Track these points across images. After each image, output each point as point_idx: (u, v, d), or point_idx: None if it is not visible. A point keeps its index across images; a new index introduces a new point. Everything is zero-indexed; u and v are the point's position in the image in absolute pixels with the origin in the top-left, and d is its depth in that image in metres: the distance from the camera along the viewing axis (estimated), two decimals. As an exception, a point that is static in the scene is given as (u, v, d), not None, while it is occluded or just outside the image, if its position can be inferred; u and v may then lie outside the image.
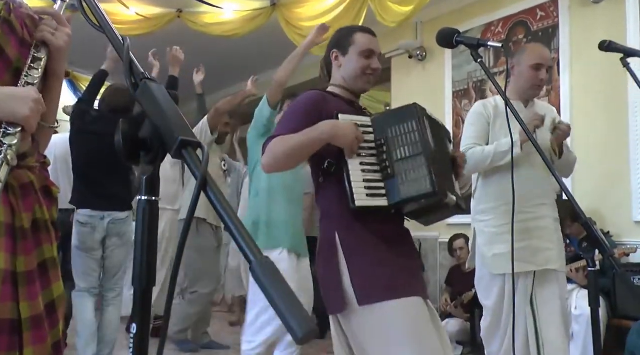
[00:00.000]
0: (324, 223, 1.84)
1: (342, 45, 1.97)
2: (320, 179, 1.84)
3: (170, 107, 0.69)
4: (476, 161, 2.56)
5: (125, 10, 5.23)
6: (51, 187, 1.34)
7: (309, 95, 1.89)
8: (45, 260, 1.26)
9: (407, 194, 1.71)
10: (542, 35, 4.54)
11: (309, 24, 5.03)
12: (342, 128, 1.71)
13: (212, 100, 8.17)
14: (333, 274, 1.72)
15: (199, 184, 0.60)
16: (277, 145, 1.74)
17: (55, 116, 1.40)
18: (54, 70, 1.31)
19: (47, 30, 1.27)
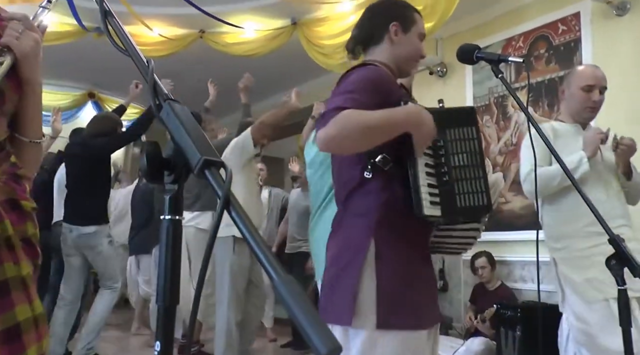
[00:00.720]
0: (353, 223, 1.59)
1: (404, 19, 1.72)
2: (365, 172, 1.56)
3: (193, 128, 0.70)
4: (544, 181, 2.35)
5: (148, 31, 5.34)
6: (20, 200, 1.22)
7: (377, 70, 1.63)
8: (6, 280, 1.13)
9: (462, 204, 1.57)
10: (564, 49, 4.51)
11: (330, 42, 5.07)
12: (427, 118, 1.49)
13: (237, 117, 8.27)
14: (352, 281, 1.51)
15: (222, 203, 0.61)
16: (350, 118, 1.43)
17: (36, 129, 1.30)
18: (26, 78, 1.23)
19: (11, 34, 1.19)
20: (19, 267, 1.16)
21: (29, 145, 1.29)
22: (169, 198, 0.71)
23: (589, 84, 2.49)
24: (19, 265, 1.16)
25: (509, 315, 4.04)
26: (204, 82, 5.14)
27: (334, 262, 1.61)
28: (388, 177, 1.55)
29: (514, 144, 4.80)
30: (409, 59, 1.74)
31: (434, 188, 1.55)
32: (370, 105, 1.48)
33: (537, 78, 4.65)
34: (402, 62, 1.74)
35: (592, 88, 2.49)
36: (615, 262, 1.55)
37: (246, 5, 5.17)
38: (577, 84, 2.51)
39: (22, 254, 1.18)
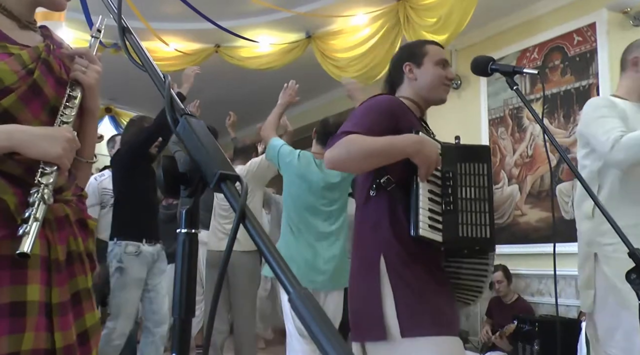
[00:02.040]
0: (364, 239, 1.72)
1: (415, 57, 1.89)
2: (371, 191, 1.71)
3: (209, 142, 0.71)
4: (637, 147, 2.05)
5: (164, 47, 5.41)
6: (87, 219, 1.36)
7: (388, 98, 1.79)
8: (78, 292, 1.29)
9: (464, 234, 1.63)
10: (579, 60, 4.49)
11: (344, 55, 5.10)
12: (428, 146, 1.61)
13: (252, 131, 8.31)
14: (373, 298, 1.60)
15: (238, 217, 0.61)
16: (355, 142, 1.58)
17: (92, 151, 1.43)
18: (88, 108, 1.35)
19: (79, 69, 1.31)
20: (86, 279, 1.31)
21: (84, 165, 1.41)
22: (184, 211, 0.71)
23: None
24: (87, 277, 1.32)
25: (527, 330, 4.00)
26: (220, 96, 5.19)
27: (355, 282, 1.71)
28: (391, 197, 1.67)
29: (530, 156, 4.77)
30: (432, 87, 1.87)
31: (437, 214, 1.65)
32: (377, 131, 1.62)
33: (552, 89, 4.62)
34: (426, 92, 1.87)
35: None
36: (636, 276, 1.52)
37: (261, 20, 5.23)
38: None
39: (89, 267, 1.33)
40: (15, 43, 1.26)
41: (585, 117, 2.27)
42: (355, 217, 1.80)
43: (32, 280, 1.16)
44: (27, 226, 1.09)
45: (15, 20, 1.30)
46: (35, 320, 1.15)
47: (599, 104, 2.26)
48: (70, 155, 1.20)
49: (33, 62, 1.24)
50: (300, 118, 7.73)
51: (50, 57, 1.29)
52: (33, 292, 1.16)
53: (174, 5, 4.66)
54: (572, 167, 1.83)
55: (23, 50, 1.25)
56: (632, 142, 2.05)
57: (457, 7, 4.24)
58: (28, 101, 1.22)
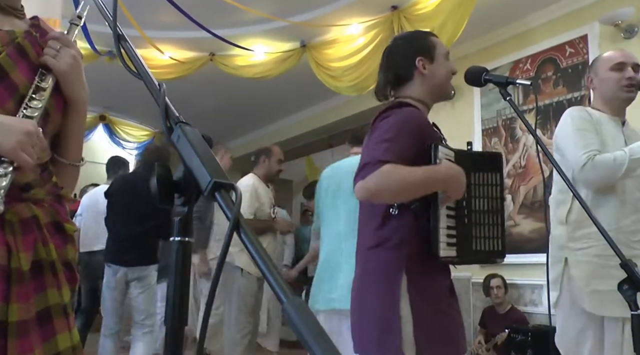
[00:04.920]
0: (384, 256, 1.63)
1: (426, 51, 1.79)
2: (392, 210, 1.63)
3: (203, 150, 0.71)
4: (607, 171, 2.14)
5: (159, 55, 5.41)
6: (64, 222, 1.19)
7: (415, 113, 1.68)
8: (48, 308, 1.10)
9: (477, 248, 1.61)
10: (571, 72, 4.52)
11: (338, 64, 5.12)
12: (460, 178, 1.56)
13: (246, 140, 8.34)
14: (389, 314, 1.55)
15: (232, 226, 0.61)
16: (391, 176, 1.51)
17: (77, 152, 1.28)
18: (68, 97, 1.20)
19: (49, 53, 1.15)
20: (61, 293, 1.13)
21: (68, 167, 1.26)
22: (178, 220, 0.71)
23: (619, 62, 2.33)
24: (61, 291, 1.13)
25: (520, 340, 3.99)
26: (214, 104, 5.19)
27: (368, 295, 1.64)
28: (413, 214, 1.60)
29: (523, 166, 4.79)
30: (444, 82, 1.81)
31: (452, 229, 1.60)
32: (408, 153, 1.57)
33: (545, 101, 4.66)
34: (438, 89, 1.80)
35: (623, 65, 2.32)
36: (628, 287, 1.53)
37: (256, 29, 5.24)
38: (606, 66, 2.36)
39: (64, 279, 1.15)
40: None
41: (564, 126, 2.34)
42: (365, 235, 1.73)
43: None
44: None
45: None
46: None
47: (578, 115, 2.32)
48: (30, 150, 1.03)
49: (4, 45, 1.11)
50: (294, 127, 7.75)
51: (26, 41, 1.15)
52: None
53: (169, 13, 4.67)
54: (565, 178, 1.84)
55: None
56: (603, 164, 2.14)
57: (451, 18, 4.27)
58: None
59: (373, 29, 4.92)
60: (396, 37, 1.98)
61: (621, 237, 2.08)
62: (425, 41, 1.83)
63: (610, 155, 2.16)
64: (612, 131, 2.31)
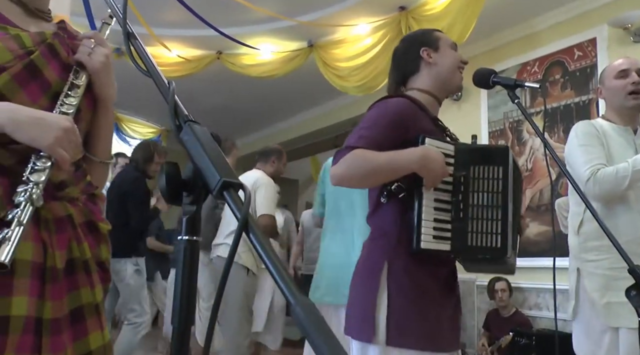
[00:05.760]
0: (373, 245, 1.68)
1: (430, 42, 1.82)
2: (382, 198, 1.66)
3: (212, 149, 0.71)
4: (610, 184, 2.15)
5: (167, 52, 5.42)
6: (98, 222, 1.19)
7: (398, 104, 1.69)
8: (81, 307, 1.11)
9: (473, 243, 1.57)
10: (579, 75, 4.50)
11: (345, 64, 5.11)
12: (433, 160, 1.54)
13: (252, 138, 8.34)
14: (368, 301, 1.58)
15: (240, 225, 0.61)
16: (358, 159, 1.55)
17: (107, 150, 1.28)
18: (99, 97, 1.22)
19: (83, 51, 1.17)
20: (93, 292, 1.14)
21: (98, 165, 1.27)
22: (186, 219, 0.71)
23: (622, 69, 2.35)
24: (94, 290, 1.14)
25: (524, 343, 3.98)
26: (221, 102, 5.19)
27: (355, 282, 1.69)
28: (402, 205, 1.61)
29: (529, 169, 4.77)
30: (451, 70, 1.81)
31: (445, 223, 1.58)
32: (384, 141, 1.58)
33: (553, 104, 4.63)
34: (446, 78, 1.80)
35: (627, 72, 2.34)
36: (636, 293, 1.51)
37: (263, 28, 5.24)
38: (611, 75, 2.38)
39: (97, 278, 1.16)
40: (19, 28, 1.15)
41: (570, 142, 2.39)
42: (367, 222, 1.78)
43: (19, 291, 1.00)
44: (9, 231, 0.93)
45: (23, 7, 1.20)
46: (18, 339, 0.99)
47: (583, 131, 2.34)
48: (67, 146, 1.04)
49: (35, 45, 1.12)
50: (300, 127, 7.75)
51: (56, 41, 1.17)
52: (19, 305, 0.99)
53: (176, 11, 4.68)
54: (572, 181, 1.84)
55: (24, 32, 1.13)
56: (606, 178, 2.16)
57: (459, 19, 4.26)
58: (24, 83, 1.08)
59: (381, 29, 4.92)
60: (402, 39, 2.00)
61: (637, 248, 2.07)
62: (428, 34, 1.87)
63: (612, 169, 2.16)
64: (621, 142, 2.31)
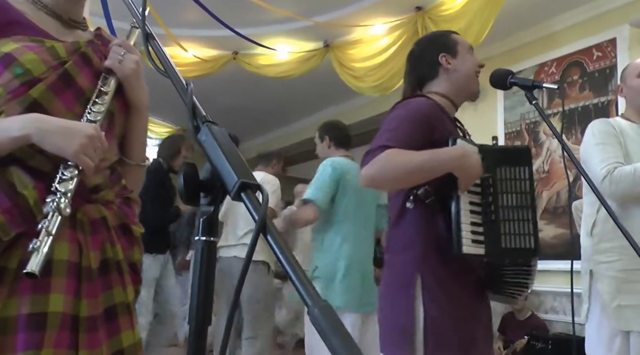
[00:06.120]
0: (402, 257, 1.62)
1: (448, 47, 1.79)
2: (407, 204, 1.60)
3: (230, 150, 0.71)
4: (627, 183, 2.10)
5: (183, 52, 5.45)
6: (131, 225, 1.23)
7: (422, 103, 1.66)
8: (114, 305, 1.15)
9: (507, 245, 1.54)
10: (598, 76, 4.45)
11: (362, 64, 5.11)
12: (471, 160, 1.51)
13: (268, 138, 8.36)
14: (403, 316, 1.54)
15: (258, 227, 0.61)
16: (392, 159, 1.49)
17: (141, 152, 1.32)
18: (131, 102, 1.26)
19: (114, 57, 1.22)
20: (126, 292, 1.18)
21: (134, 168, 1.31)
22: (204, 220, 0.71)
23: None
24: (126, 290, 1.18)
25: (540, 347, 3.94)
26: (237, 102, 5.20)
27: (387, 297, 1.65)
28: (429, 210, 1.57)
29: (546, 171, 4.72)
30: (469, 77, 1.78)
31: (478, 226, 1.54)
32: (412, 142, 1.53)
33: (570, 105, 4.58)
34: (464, 84, 1.78)
35: None
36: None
37: (279, 28, 5.25)
38: (633, 74, 2.34)
39: (129, 279, 1.20)
40: (55, 39, 1.19)
41: (586, 141, 2.34)
42: (388, 230, 1.73)
43: (56, 289, 1.04)
44: (38, 241, 0.97)
45: (58, 19, 1.24)
46: (56, 335, 1.03)
47: (600, 129, 2.30)
48: (91, 153, 1.07)
49: (69, 55, 1.17)
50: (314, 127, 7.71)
51: (89, 49, 1.21)
52: (56, 302, 1.04)
53: (193, 12, 4.70)
54: (591, 184, 1.81)
55: (59, 43, 1.18)
56: (623, 177, 2.11)
57: (477, 20, 4.23)
58: (59, 92, 1.13)
59: (397, 29, 4.90)
60: (417, 41, 1.98)
61: None
62: (446, 38, 1.83)
63: (630, 168, 2.13)
64: (638, 139, 2.27)
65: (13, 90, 1.10)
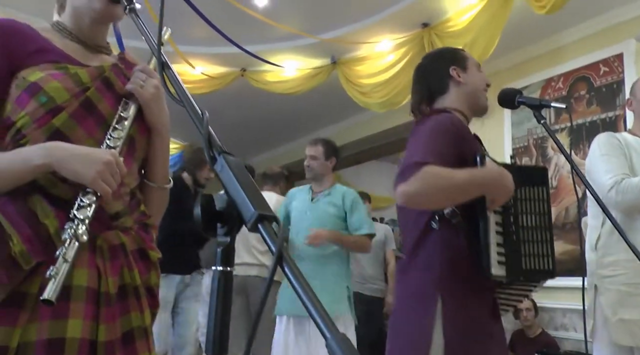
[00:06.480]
0: (421, 275, 1.59)
1: (459, 61, 1.80)
2: (433, 223, 1.57)
3: (247, 182, 0.72)
4: (633, 194, 2.11)
5: (191, 70, 5.50)
6: (149, 250, 1.25)
7: (452, 119, 1.64)
8: (132, 330, 1.17)
9: (527, 267, 1.54)
10: (605, 91, 4.45)
11: (368, 81, 5.13)
12: (506, 181, 1.49)
13: (275, 154, 8.38)
14: (422, 337, 1.51)
15: (276, 259, 0.62)
16: (433, 177, 1.44)
17: (164, 175, 1.34)
18: (152, 126, 1.28)
19: (136, 82, 1.25)
20: (143, 316, 1.20)
21: (156, 190, 1.33)
22: (221, 250, 0.72)
23: None
24: (143, 315, 1.20)
25: (550, 365, 3.91)
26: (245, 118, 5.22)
27: (403, 314, 1.62)
28: (454, 230, 1.55)
29: (554, 187, 4.71)
30: (479, 91, 1.79)
31: (500, 247, 1.53)
32: (446, 157, 1.50)
33: (578, 120, 4.58)
34: (474, 98, 1.78)
35: None
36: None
37: (287, 44, 5.29)
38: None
39: (146, 303, 1.22)
40: (80, 64, 1.22)
41: (592, 153, 2.35)
42: (405, 250, 1.69)
43: (74, 314, 1.06)
44: (55, 268, 0.98)
45: (83, 45, 1.28)
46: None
47: (605, 141, 2.32)
48: (109, 179, 1.09)
49: (92, 80, 1.20)
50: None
51: (112, 73, 1.24)
52: (74, 327, 1.06)
53: (201, 29, 4.75)
54: (598, 200, 1.81)
55: (83, 69, 1.20)
56: (630, 187, 2.12)
57: (483, 35, 4.25)
58: (81, 119, 1.16)
59: (403, 46, 4.93)
60: (426, 56, 1.99)
61: None
62: (456, 53, 1.86)
63: (638, 179, 2.13)
64: None
65: (38, 119, 1.14)
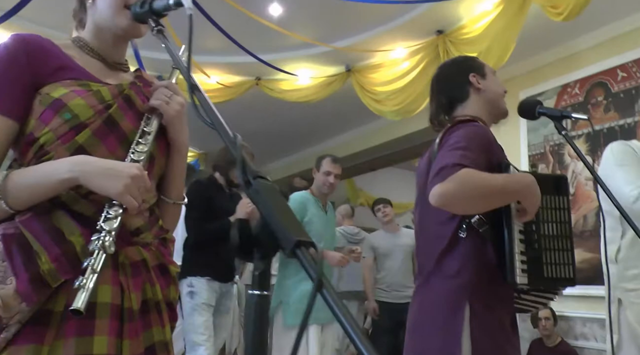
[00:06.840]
0: (449, 283, 1.58)
1: (477, 67, 1.83)
2: (460, 232, 1.57)
3: (282, 207, 0.73)
4: None
5: (206, 79, 5.54)
6: (168, 264, 1.27)
7: (482, 128, 1.66)
8: (153, 344, 1.19)
9: (549, 275, 1.55)
10: (623, 96, 4.41)
11: (383, 88, 5.14)
12: (537, 189, 1.50)
13: (289, 161, 8.41)
14: (450, 340, 1.52)
15: (316, 286, 0.62)
16: (472, 178, 1.44)
17: (180, 191, 1.35)
18: (173, 142, 1.30)
19: (161, 98, 1.26)
20: (164, 331, 1.22)
21: (171, 206, 1.34)
22: (257, 274, 0.73)
23: None
24: (165, 329, 1.22)
25: (571, 375, 3.86)
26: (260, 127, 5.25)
27: (428, 321, 1.61)
28: (481, 239, 1.56)
29: (572, 194, 4.67)
30: (498, 97, 1.81)
31: (523, 255, 1.54)
32: (481, 164, 1.50)
33: (596, 126, 4.55)
34: (495, 104, 1.80)
35: None
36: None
37: (301, 53, 5.32)
38: None
39: (167, 317, 1.24)
40: (100, 82, 1.23)
41: (606, 162, 2.33)
42: (426, 258, 1.68)
43: (100, 331, 1.08)
44: (83, 279, 1.01)
45: (103, 62, 1.29)
46: None
47: (619, 150, 2.31)
48: (135, 193, 1.11)
49: (114, 98, 1.21)
50: (336, 150, 7.76)
51: (132, 91, 1.26)
52: (100, 344, 1.07)
53: (216, 38, 4.79)
54: (619, 208, 1.78)
55: (104, 86, 1.22)
56: None
57: (498, 42, 4.24)
58: (103, 136, 1.17)
59: (418, 53, 4.94)
60: (442, 64, 2.00)
61: None
62: (473, 60, 1.89)
63: None
64: None
65: (62, 135, 1.15)
